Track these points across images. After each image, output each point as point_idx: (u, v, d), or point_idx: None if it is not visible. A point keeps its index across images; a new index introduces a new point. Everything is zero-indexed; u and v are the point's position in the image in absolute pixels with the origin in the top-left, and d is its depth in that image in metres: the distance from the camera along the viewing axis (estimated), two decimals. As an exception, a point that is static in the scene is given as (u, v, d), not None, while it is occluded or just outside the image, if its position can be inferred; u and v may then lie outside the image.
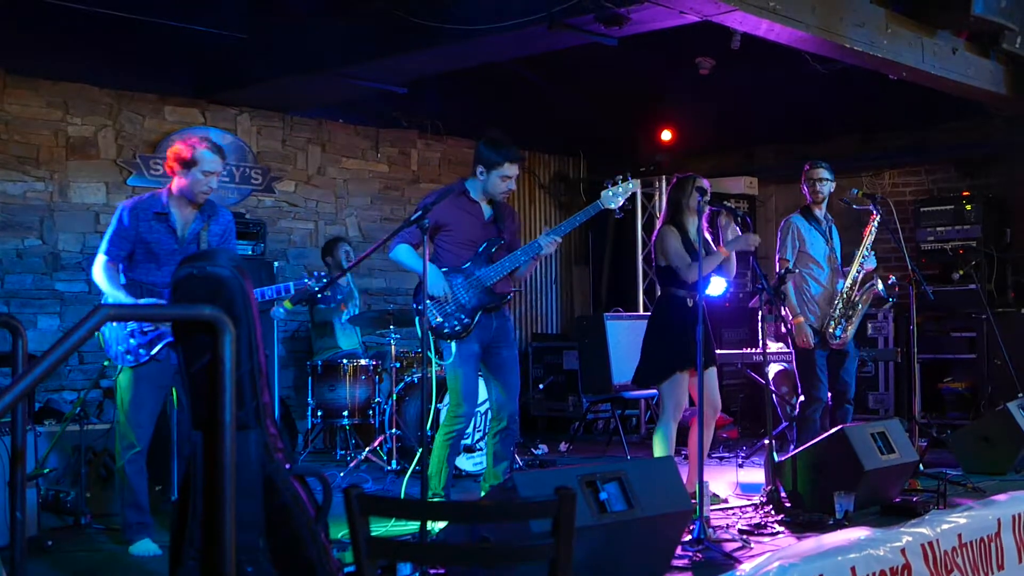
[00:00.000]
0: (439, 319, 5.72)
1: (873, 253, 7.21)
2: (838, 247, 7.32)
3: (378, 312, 8.37)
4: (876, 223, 7.19)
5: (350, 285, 8.79)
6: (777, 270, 7.22)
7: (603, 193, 5.83)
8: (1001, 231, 10.11)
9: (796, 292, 7.10)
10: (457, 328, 5.72)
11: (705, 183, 6.19)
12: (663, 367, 6.15)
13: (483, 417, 7.61)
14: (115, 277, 5.34)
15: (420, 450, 5.54)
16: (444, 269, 5.75)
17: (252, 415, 3.62)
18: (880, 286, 7.08)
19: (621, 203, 5.84)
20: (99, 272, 5.35)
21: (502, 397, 5.88)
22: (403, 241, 5.73)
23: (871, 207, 7.23)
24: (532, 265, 5.96)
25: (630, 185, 5.83)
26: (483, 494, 5.91)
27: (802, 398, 7.09)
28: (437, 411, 6.89)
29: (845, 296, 7.07)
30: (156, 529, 5.35)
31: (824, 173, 7.19)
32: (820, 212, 7.25)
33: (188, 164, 5.30)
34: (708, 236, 6.29)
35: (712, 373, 6.23)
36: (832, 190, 7.26)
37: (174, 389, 5.49)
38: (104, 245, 5.37)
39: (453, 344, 5.73)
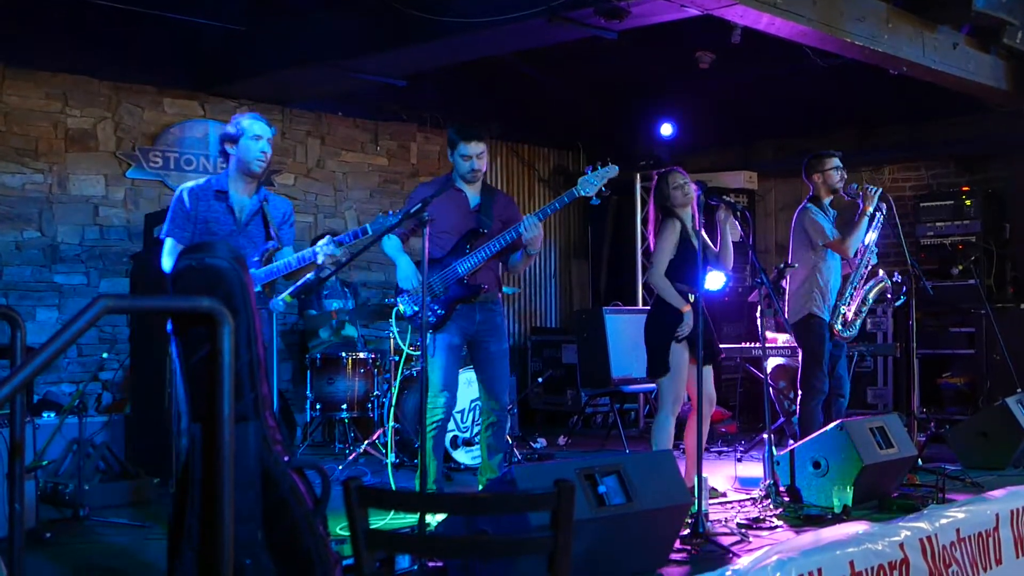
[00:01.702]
0: (415, 309, 5.75)
1: (876, 249, 7.16)
2: None
3: (377, 305, 8.37)
4: (880, 219, 7.13)
5: (335, 283, 8.78)
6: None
7: (579, 180, 5.82)
8: (1000, 226, 10.11)
9: (812, 282, 7.01)
10: (431, 319, 5.73)
11: (680, 171, 6.17)
12: (664, 360, 6.12)
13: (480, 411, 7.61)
14: None
15: (402, 442, 5.57)
16: (419, 260, 5.74)
17: (251, 407, 3.61)
18: (889, 281, 7.07)
19: (597, 189, 5.81)
20: (169, 261, 5.14)
21: (491, 390, 5.90)
22: (395, 234, 5.76)
23: (881, 202, 7.18)
24: (527, 260, 5.93)
25: (605, 171, 5.78)
26: (480, 488, 5.91)
27: (801, 393, 7.04)
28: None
29: (853, 290, 7.03)
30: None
31: (839, 163, 7.14)
32: (827, 202, 7.18)
33: (235, 138, 5.24)
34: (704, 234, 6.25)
35: (709, 369, 6.22)
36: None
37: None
38: (167, 228, 5.23)
39: (433, 335, 5.74)
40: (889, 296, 7.17)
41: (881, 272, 7.15)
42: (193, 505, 3.55)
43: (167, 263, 5.16)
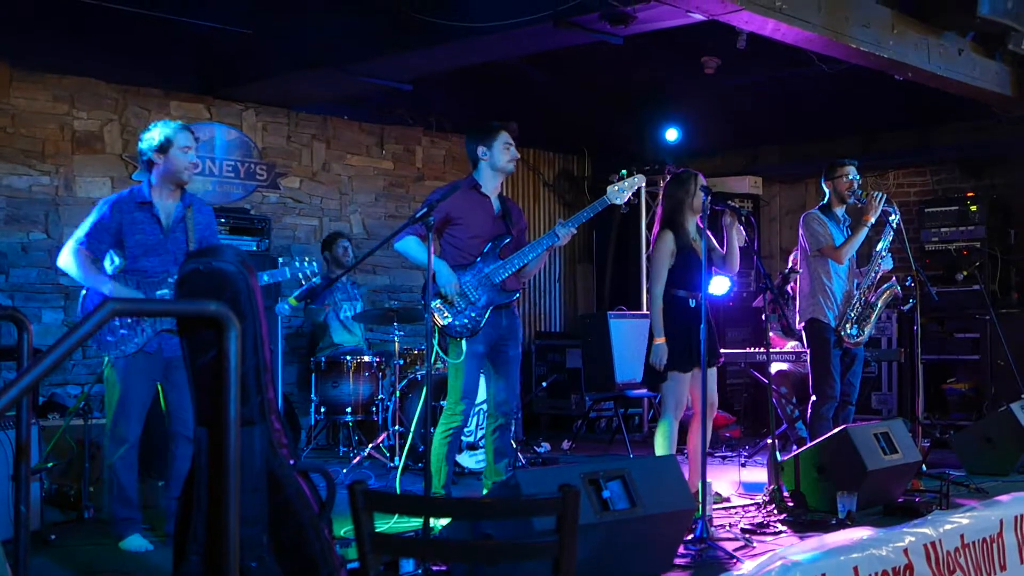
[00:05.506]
0: (449, 317, 5.68)
1: (889, 254, 7.14)
2: None
3: (382, 309, 8.37)
4: (893, 224, 7.09)
5: (346, 284, 8.79)
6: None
7: (609, 189, 5.82)
8: (1005, 232, 10.11)
9: (817, 288, 6.99)
10: (468, 326, 5.68)
11: (703, 180, 6.18)
12: (665, 367, 6.12)
13: (486, 415, 7.61)
14: (88, 264, 5.23)
15: (410, 446, 5.56)
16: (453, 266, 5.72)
17: (256, 411, 3.62)
18: (899, 287, 7.06)
19: (627, 198, 5.86)
20: (68, 257, 5.25)
21: (503, 394, 5.84)
22: (412, 233, 5.68)
23: (889, 207, 7.16)
24: (541, 261, 5.91)
25: (635, 180, 5.83)
26: (485, 492, 5.91)
27: (814, 398, 7.02)
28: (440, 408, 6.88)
29: (862, 297, 7.00)
30: (154, 523, 5.36)
31: (853, 171, 7.13)
32: (840, 211, 7.16)
33: (163, 148, 5.26)
34: (710, 235, 6.25)
35: (712, 372, 6.21)
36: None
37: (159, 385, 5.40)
38: (80, 234, 5.30)
39: (463, 342, 5.70)
40: (899, 299, 7.16)
41: (893, 278, 7.16)
42: (199, 508, 3.56)
43: (64, 260, 5.29)
